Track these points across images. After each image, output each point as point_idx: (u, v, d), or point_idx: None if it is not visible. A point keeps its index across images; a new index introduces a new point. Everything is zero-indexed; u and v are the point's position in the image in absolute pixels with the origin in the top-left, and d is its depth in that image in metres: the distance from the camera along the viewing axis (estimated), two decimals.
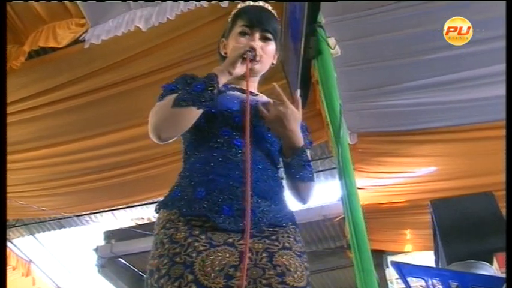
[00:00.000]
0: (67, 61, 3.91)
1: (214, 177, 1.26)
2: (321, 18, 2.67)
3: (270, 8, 1.53)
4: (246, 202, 1.17)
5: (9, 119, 4.34)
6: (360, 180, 4.68)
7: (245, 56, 1.37)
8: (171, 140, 1.33)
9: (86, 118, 4.38)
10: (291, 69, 3.21)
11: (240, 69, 1.37)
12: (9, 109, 4.25)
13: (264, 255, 1.19)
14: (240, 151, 1.29)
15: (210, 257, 1.16)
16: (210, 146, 1.32)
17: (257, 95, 1.50)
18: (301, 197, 1.43)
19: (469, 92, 3.80)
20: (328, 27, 2.75)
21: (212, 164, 1.28)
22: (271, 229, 1.24)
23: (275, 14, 1.52)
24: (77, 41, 3.65)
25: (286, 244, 1.23)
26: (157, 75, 3.93)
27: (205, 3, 3.25)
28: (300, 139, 1.35)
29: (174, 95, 1.31)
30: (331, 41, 2.64)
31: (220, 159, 1.28)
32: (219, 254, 1.17)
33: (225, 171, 1.26)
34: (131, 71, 3.95)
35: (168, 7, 3.39)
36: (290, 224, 1.30)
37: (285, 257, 1.20)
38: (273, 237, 1.23)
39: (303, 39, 2.59)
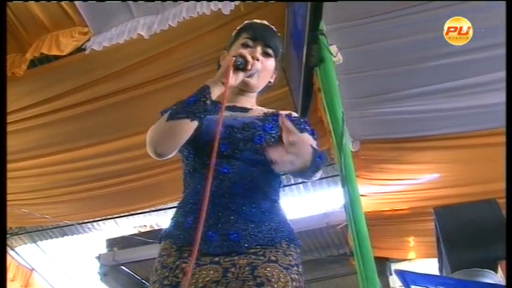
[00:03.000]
0: (70, 69, 3.93)
1: (200, 206, 1.25)
2: (323, 26, 2.67)
3: (275, 29, 1.55)
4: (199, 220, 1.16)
5: (12, 127, 4.35)
6: (363, 188, 4.66)
7: (237, 65, 1.36)
8: (169, 156, 1.34)
9: (88, 126, 4.39)
10: (293, 77, 3.22)
11: (232, 79, 1.36)
12: (12, 117, 4.27)
13: (246, 268, 1.20)
14: (225, 178, 1.30)
15: (195, 275, 1.20)
16: (199, 177, 1.33)
17: (250, 109, 1.48)
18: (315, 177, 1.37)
19: (471, 98, 3.79)
20: (330, 34, 2.75)
21: (200, 194, 1.27)
22: (259, 247, 1.25)
23: (278, 34, 1.55)
24: (80, 49, 3.68)
25: (272, 258, 1.24)
26: (159, 83, 3.95)
27: (207, 11, 3.26)
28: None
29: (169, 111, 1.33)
30: (333, 48, 2.64)
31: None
32: (204, 272, 1.20)
33: (211, 199, 1.25)
34: (133, 79, 3.97)
35: (171, 14, 3.41)
36: (283, 241, 1.29)
37: (268, 268, 1.21)
38: (260, 253, 1.24)
39: (305, 47, 2.60)
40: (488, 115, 3.82)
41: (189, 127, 1.29)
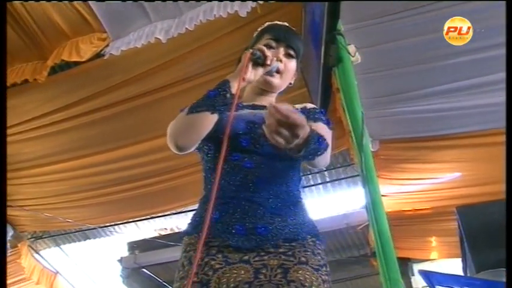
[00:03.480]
0: (89, 75, 3.99)
1: (226, 200, 1.28)
2: (341, 26, 2.66)
3: (295, 29, 1.56)
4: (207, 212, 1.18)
5: (34, 133, 4.45)
6: (383, 188, 4.61)
7: (255, 59, 1.35)
8: (189, 150, 1.34)
9: (109, 130, 4.44)
10: (312, 78, 3.21)
11: (252, 74, 1.36)
12: (34, 124, 4.36)
13: (278, 271, 1.19)
14: (249, 172, 1.30)
15: (225, 274, 1.19)
16: (222, 172, 1.30)
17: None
18: (319, 165, 1.36)
19: (492, 96, 3.72)
20: (347, 34, 2.74)
21: (225, 189, 1.29)
22: (287, 244, 1.24)
23: (300, 35, 1.57)
24: (99, 55, 3.73)
25: (303, 259, 1.22)
26: (178, 86, 3.98)
27: (224, 13, 3.27)
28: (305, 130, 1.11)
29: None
30: (351, 48, 2.63)
31: (231, 183, 1.30)
32: (235, 272, 1.20)
33: (236, 193, 1.29)
34: (152, 84, 4.01)
35: (188, 18, 3.44)
36: (309, 237, 1.28)
37: (300, 271, 1.19)
38: (289, 253, 1.23)
39: (323, 47, 2.59)
40: None
41: (209, 120, 1.30)
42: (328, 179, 6.05)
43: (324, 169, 5.78)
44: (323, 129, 1.36)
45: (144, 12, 3.55)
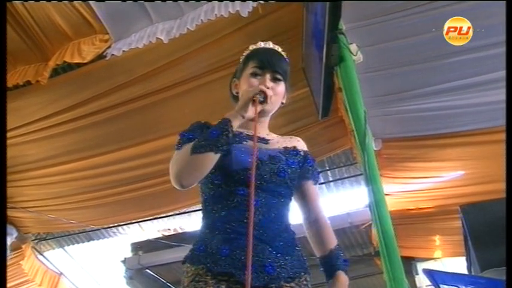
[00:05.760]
0: (92, 76, 4.00)
1: (236, 236, 1.33)
2: (342, 25, 2.65)
3: (279, 49, 1.60)
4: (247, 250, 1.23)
5: (38, 135, 4.46)
6: (386, 187, 4.60)
7: (255, 99, 1.42)
8: (193, 186, 1.40)
9: (112, 132, 4.44)
10: (314, 77, 3.20)
11: (251, 111, 1.42)
12: (38, 125, 4.37)
13: None
14: (256, 210, 1.35)
15: None
16: (228, 204, 1.38)
17: (268, 140, 1.53)
18: None
19: (495, 93, 3.71)
20: (349, 33, 2.74)
21: (234, 224, 1.35)
22: (288, 285, 1.33)
23: (285, 56, 1.59)
24: (101, 57, 3.74)
25: None
26: (180, 87, 3.98)
27: (225, 13, 3.27)
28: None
29: (192, 143, 1.38)
30: (353, 47, 2.62)
31: (239, 219, 1.35)
32: None
33: (245, 230, 1.31)
34: (155, 84, 4.01)
35: (189, 18, 3.44)
36: (303, 274, 1.38)
37: None
38: None
39: (325, 47, 2.58)
40: None
41: (213, 159, 1.35)
42: (331, 179, 6.05)
43: (327, 168, 5.79)
44: (314, 191, 1.54)
45: (146, 13, 3.55)
